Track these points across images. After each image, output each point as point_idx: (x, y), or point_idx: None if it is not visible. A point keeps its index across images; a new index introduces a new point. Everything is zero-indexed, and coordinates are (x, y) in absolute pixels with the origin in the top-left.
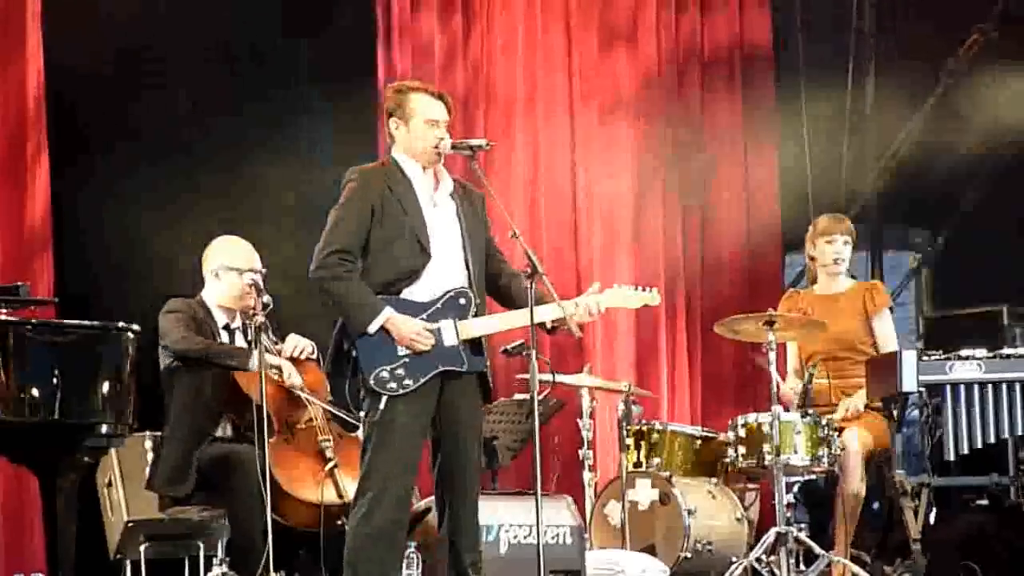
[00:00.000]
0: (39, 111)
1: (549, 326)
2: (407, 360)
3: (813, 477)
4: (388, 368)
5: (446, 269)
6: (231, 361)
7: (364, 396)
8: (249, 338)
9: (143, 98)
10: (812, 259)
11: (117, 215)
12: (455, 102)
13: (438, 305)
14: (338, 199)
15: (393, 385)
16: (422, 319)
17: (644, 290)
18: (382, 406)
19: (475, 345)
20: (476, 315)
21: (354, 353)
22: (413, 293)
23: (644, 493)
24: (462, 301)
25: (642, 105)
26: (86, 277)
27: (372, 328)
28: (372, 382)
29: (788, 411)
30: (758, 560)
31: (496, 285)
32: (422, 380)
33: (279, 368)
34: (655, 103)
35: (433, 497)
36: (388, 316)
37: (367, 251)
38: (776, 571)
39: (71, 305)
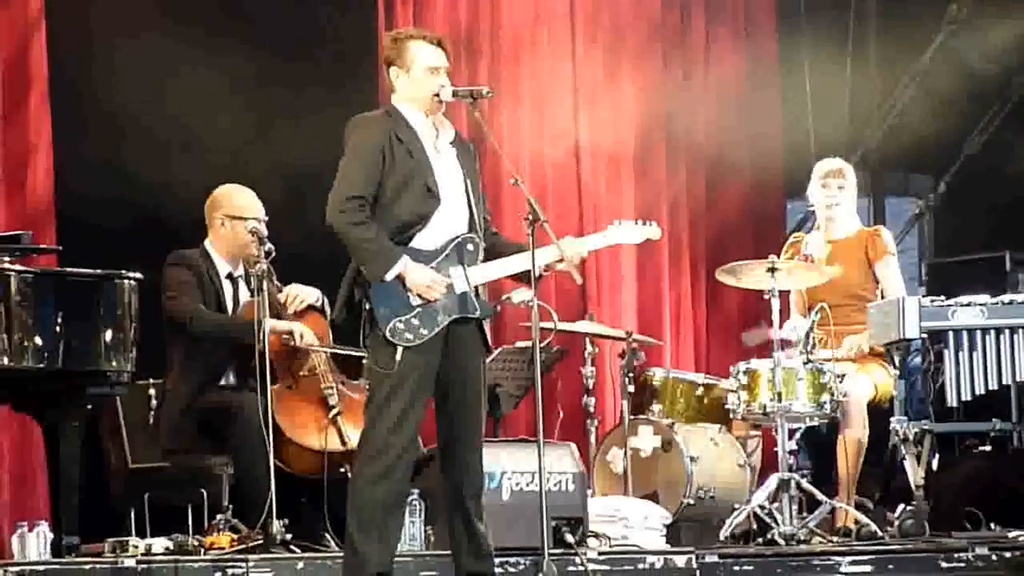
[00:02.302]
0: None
1: (537, 273)
2: (420, 309)
3: (815, 423)
4: (403, 318)
5: (452, 215)
6: (245, 338)
7: (374, 347)
8: (251, 286)
9: None
10: (812, 205)
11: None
12: (457, 47)
13: (447, 252)
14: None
15: (409, 336)
16: (432, 267)
17: (645, 224)
18: (398, 357)
19: (476, 292)
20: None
21: (367, 305)
22: (422, 239)
23: (646, 440)
24: (470, 247)
25: (644, 51)
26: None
27: (389, 276)
28: (388, 333)
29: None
30: (760, 507)
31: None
32: (437, 329)
33: (290, 332)
34: (657, 49)
35: (436, 444)
36: (405, 264)
37: (377, 198)
38: (778, 517)
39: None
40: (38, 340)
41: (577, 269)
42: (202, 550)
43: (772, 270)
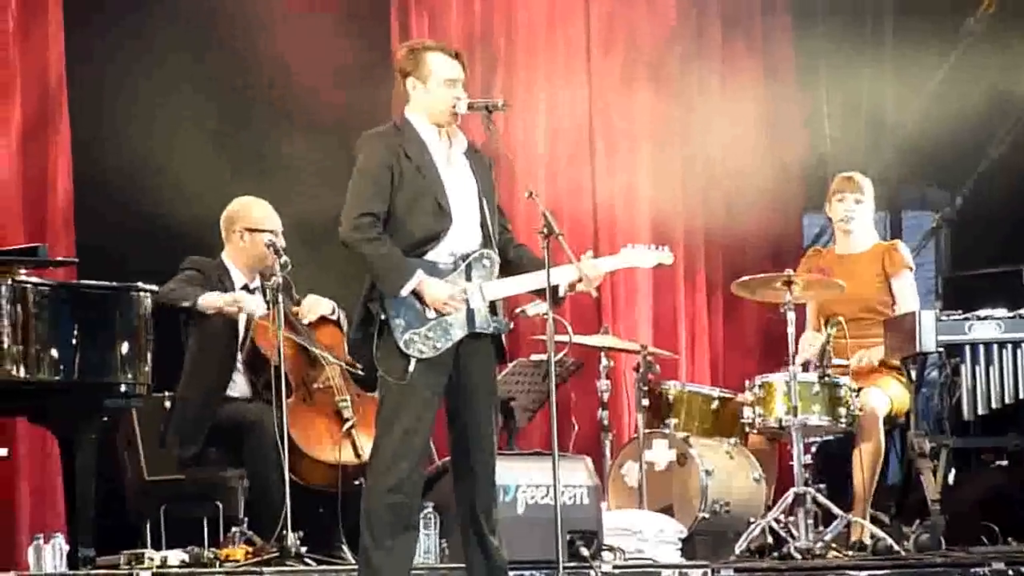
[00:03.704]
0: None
1: (561, 293)
2: (435, 322)
3: (831, 438)
4: (418, 331)
5: (465, 230)
6: (182, 303)
7: (387, 357)
8: (268, 298)
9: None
10: (830, 219)
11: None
12: (472, 56)
13: (463, 267)
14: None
15: (423, 348)
16: (447, 281)
17: (658, 249)
18: (411, 369)
19: (492, 306)
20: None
21: (383, 316)
22: (435, 254)
23: (661, 454)
24: (486, 263)
25: (660, 62)
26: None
27: (405, 291)
28: (402, 345)
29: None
30: (776, 521)
31: (505, 259)
32: (451, 342)
33: (235, 300)
34: (673, 59)
35: (449, 457)
36: (420, 279)
37: (389, 215)
38: (794, 531)
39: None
40: (54, 352)
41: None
42: (217, 563)
43: (788, 284)
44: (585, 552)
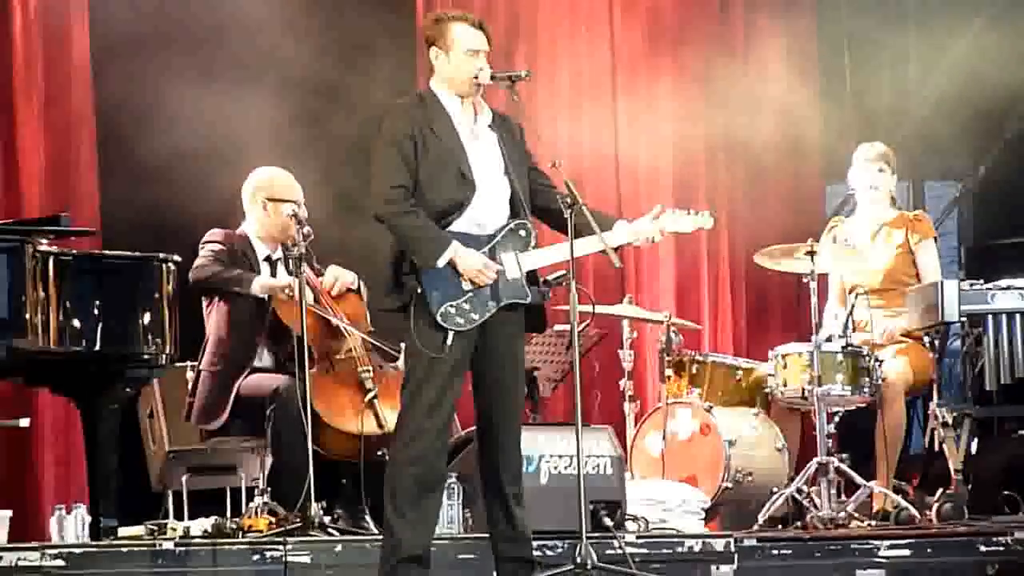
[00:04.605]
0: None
1: (616, 263)
2: (472, 294)
3: (854, 408)
4: (454, 303)
5: (491, 200)
6: (235, 288)
7: (423, 331)
8: (290, 269)
9: None
10: (852, 189)
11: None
12: (496, 31)
13: (499, 238)
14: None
15: (460, 320)
16: (484, 252)
17: (696, 213)
18: (450, 341)
19: (530, 276)
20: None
21: (418, 289)
22: (462, 224)
23: (684, 423)
24: (522, 233)
25: (683, 35)
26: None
27: (441, 262)
28: (439, 317)
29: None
30: (799, 490)
31: (550, 212)
32: (488, 314)
33: (288, 287)
34: (696, 30)
35: (473, 427)
36: (456, 250)
37: (414, 186)
38: (817, 501)
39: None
40: (76, 323)
41: (617, 253)
42: (240, 533)
43: (811, 254)
44: (608, 522)
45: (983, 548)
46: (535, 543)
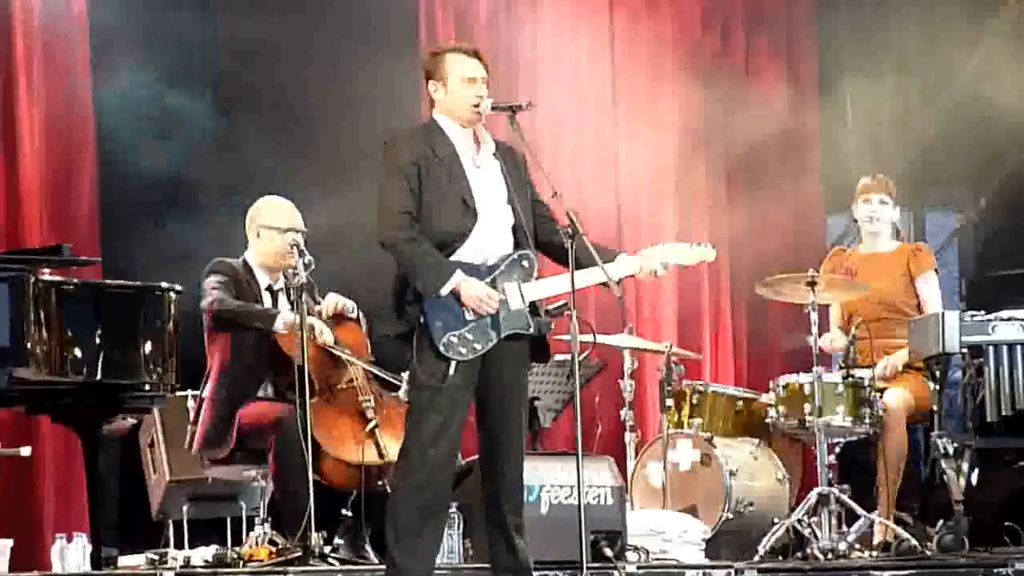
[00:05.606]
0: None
1: (617, 293)
2: (474, 324)
3: (855, 438)
4: (457, 332)
5: (494, 230)
6: (258, 323)
7: (426, 360)
8: (291, 298)
9: None
10: (855, 219)
11: None
12: (496, 65)
13: (501, 268)
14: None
15: (463, 350)
16: (487, 282)
17: (699, 245)
18: (451, 371)
19: (532, 306)
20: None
21: (421, 319)
22: (464, 254)
23: (685, 454)
24: (525, 264)
25: (684, 66)
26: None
27: (444, 290)
28: (441, 347)
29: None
30: (800, 521)
31: (552, 246)
32: (490, 344)
33: (311, 327)
34: (697, 63)
35: (475, 457)
36: (459, 279)
37: (417, 213)
38: (818, 532)
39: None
40: (78, 352)
41: (619, 284)
42: (241, 563)
43: (811, 284)
44: (609, 552)
45: None
46: (536, 573)
